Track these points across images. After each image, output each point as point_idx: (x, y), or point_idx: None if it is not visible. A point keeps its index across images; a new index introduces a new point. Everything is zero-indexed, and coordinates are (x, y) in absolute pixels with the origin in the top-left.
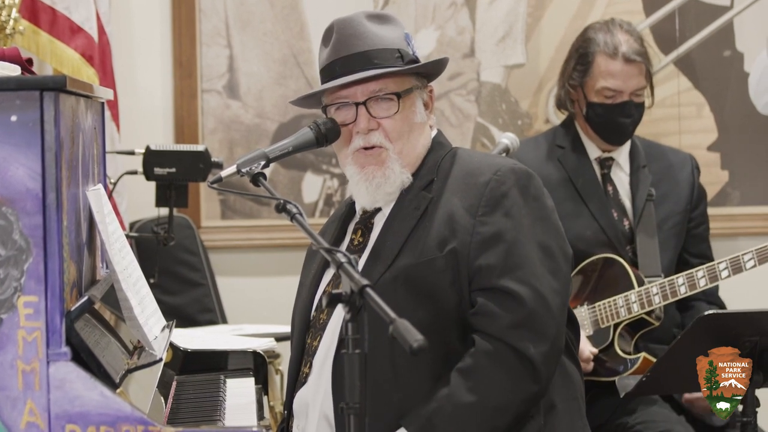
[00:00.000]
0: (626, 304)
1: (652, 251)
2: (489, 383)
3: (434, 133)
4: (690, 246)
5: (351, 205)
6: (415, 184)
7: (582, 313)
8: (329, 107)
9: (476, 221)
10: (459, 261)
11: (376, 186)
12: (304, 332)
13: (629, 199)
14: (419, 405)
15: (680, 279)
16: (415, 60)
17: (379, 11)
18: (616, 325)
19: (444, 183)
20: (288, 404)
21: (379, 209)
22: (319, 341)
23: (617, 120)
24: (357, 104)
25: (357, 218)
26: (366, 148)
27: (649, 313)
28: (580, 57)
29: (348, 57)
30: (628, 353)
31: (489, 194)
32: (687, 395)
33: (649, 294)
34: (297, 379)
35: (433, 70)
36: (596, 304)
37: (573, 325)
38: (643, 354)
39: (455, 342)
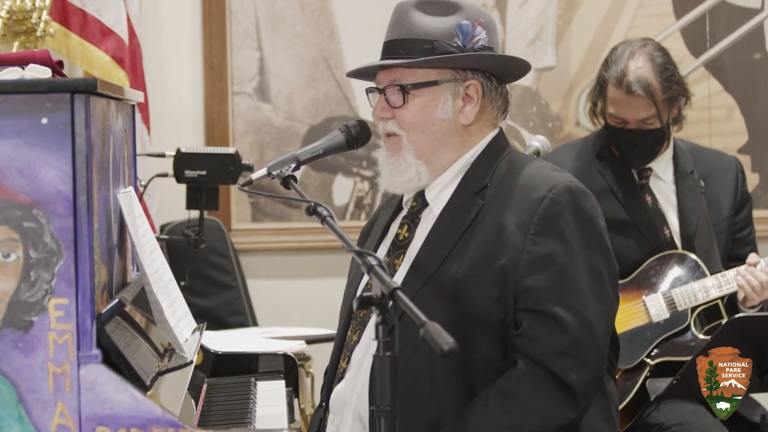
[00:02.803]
0: (704, 289)
1: (712, 251)
2: (528, 408)
3: (494, 133)
4: (731, 250)
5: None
6: (468, 185)
7: (657, 299)
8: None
9: (527, 239)
10: (507, 278)
11: (390, 173)
12: (347, 325)
13: (673, 207)
14: (456, 422)
15: (761, 264)
16: (462, 50)
17: None
18: (692, 309)
19: (498, 192)
20: (326, 396)
21: (426, 204)
22: (359, 336)
23: (626, 146)
24: (380, 91)
25: (405, 212)
26: (387, 135)
27: (723, 301)
28: (599, 77)
29: (386, 43)
30: (706, 334)
31: (542, 212)
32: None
33: (726, 278)
34: (336, 372)
35: (463, 63)
36: (672, 290)
37: (614, 343)
38: None
39: (496, 358)
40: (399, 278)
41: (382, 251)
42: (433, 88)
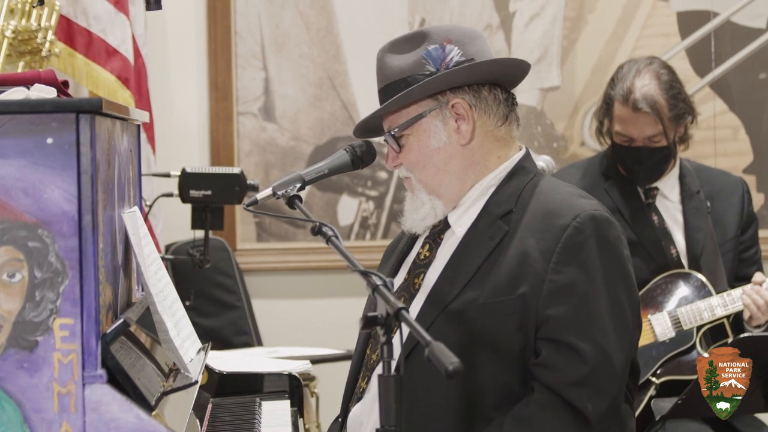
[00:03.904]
0: (709, 308)
1: (718, 271)
2: None
3: (520, 154)
4: (737, 270)
5: None
6: (492, 209)
7: (662, 318)
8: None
9: (550, 268)
10: (528, 306)
11: (409, 212)
12: (366, 344)
13: (679, 226)
14: None
15: (766, 283)
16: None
17: (403, 34)
18: (698, 328)
19: (522, 217)
20: (343, 414)
21: (448, 226)
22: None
23: (633, 164)
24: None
25: (427, 232)
26: (404, 179)
27: (728, 320)
28: (605, 95)
29: (378, 92)
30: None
31: (566, 241)
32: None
33: (732, 297)
34: (354, 391)
35: (426, 90)
36: (678, 309)
37: (633, 371)
38: None
39: (514, 385)
40: (418, 298)
41: (403, 270)
42: (421, 122)
